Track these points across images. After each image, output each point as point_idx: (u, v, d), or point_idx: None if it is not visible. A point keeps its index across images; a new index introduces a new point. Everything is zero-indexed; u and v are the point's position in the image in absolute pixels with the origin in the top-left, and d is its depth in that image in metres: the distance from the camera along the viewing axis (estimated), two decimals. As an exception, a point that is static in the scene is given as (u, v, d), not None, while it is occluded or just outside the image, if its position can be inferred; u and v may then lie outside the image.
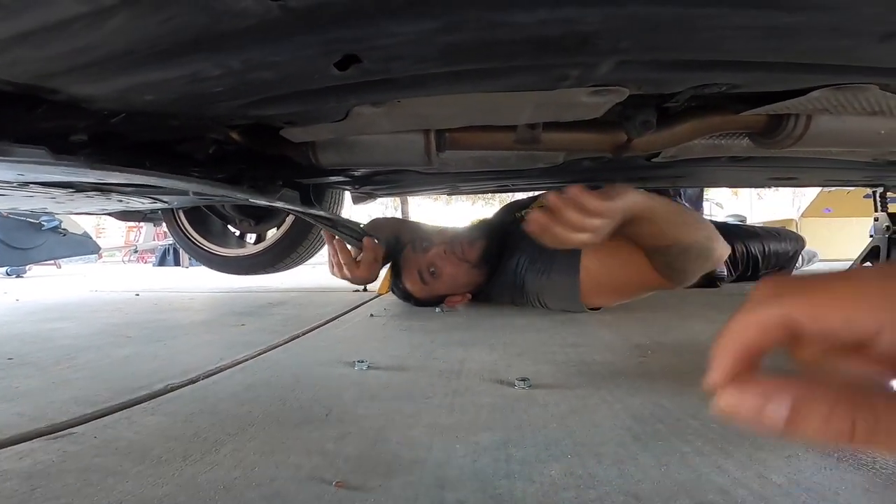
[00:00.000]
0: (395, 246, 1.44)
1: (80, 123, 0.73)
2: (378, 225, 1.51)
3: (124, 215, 2.30)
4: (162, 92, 0.63)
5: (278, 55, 0.54)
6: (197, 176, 0.88)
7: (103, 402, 0.61)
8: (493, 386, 0.65)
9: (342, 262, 1.33)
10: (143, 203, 1.53)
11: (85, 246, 5.09)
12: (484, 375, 0.70)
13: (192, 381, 0.70)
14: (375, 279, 1.38)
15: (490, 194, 7.06)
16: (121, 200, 1.44)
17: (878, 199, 2.04)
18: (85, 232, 5.12)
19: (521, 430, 0.50)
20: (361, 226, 1.46)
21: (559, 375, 0.69)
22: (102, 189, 1.22)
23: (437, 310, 1.37)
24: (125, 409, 0.59)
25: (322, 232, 1.38)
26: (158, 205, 1.63)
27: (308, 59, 0.54)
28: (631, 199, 0.93)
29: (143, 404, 0.61)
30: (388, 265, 1.49)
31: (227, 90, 0.62)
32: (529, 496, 0.37)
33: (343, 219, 1.46)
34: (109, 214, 2.12)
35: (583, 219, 0.88)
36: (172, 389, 0.67)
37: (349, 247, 1.36)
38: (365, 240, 1.34)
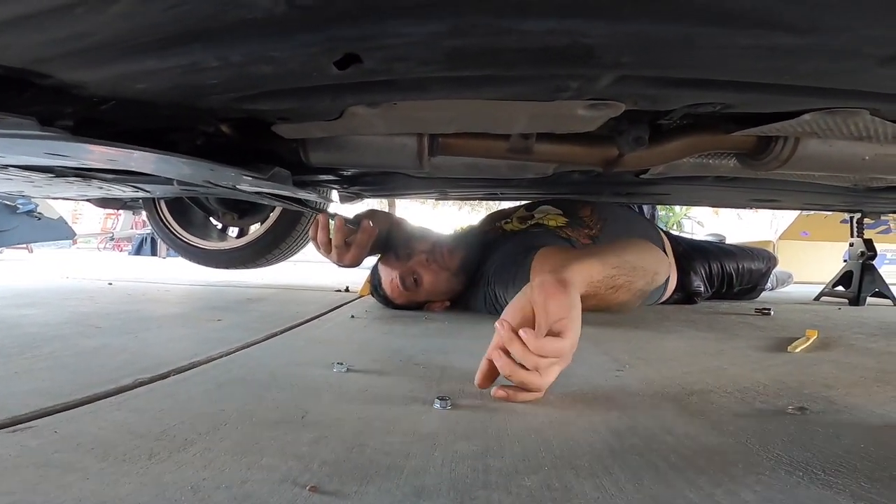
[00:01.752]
0: (385, 239, 1.43)
1: (67, 109, 0.72)
2: (375, 214, 1.50)
3: (103, 202, 2.24)
4: (156, 81, 0.62)
5: (279, 50, 0.53)
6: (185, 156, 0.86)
7: (67, 395, 0.58)
8: (474, 394, 0.64)
9: (335, 242, 1.30)
10: (124, 191, 1.50)
11: (59, 231, 4.98)
12: (465, 383, 0.69)
13: (163, 377, 0.68)
14: (359, 264, 1.37)
15: (477, 201, 7.08)
16: (101, 187, 1.40)
17: (854, 224, 2.09)
18: (60, 217, 5.01)
19: (499, 440, 0.50)
20: (357, 214, 1.45)
21: (539, 386, 0.69)
22: (84, 175, 1.19)
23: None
24: (90, 403, 0.57)
25: (318, 216, 1.36)
26: (140, 194, 1.59)
27: (309, 55, 0.54)
28: (577, 304, 0.66)
29: (109, 399, 0.58)
30: (376, 257, 1.48)
31: (223, 82, 0.61)
32: (506, 508, 0.37)
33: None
34: (88, 200, 2.07)
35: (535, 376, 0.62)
36: (141, 384, 0.64)
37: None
38: (363, 220, 1.33)
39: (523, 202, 1.75)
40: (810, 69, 0.50)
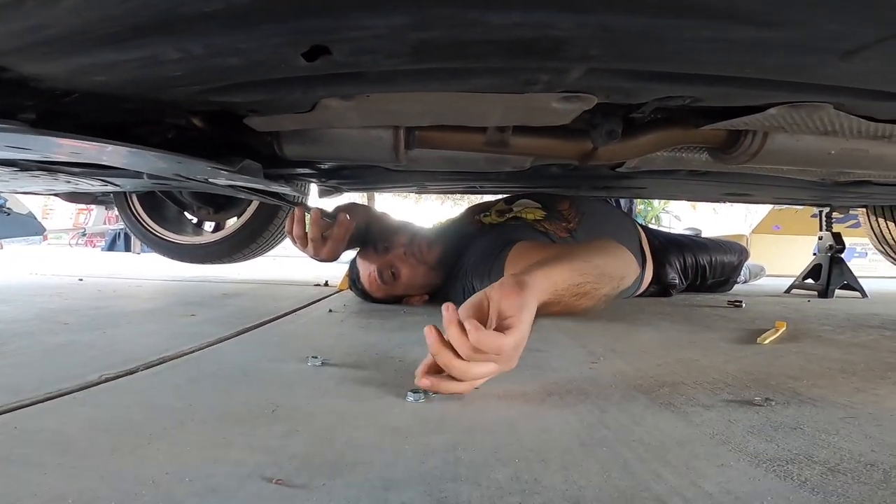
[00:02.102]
0: (363, 233, 1.41)
1: (28, 102, 0.70)
2: (353, 207, 1.48)
3: (73, 197, 2.19)
4: (116, 74, 0.60)
5: (244, 42, 0.52)
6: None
7: (30, 391, 0.57)
8: (448, 387, 0.64)
9: (311, 235, 1.27)
10: (92, 185, 1.46)
11: (29, 226, 4.85)
12: (439, 376, 0.69)
13: (131, 373, 0.67)
14: (337, 258, 1.34)
15: (459, 195, 7.08)
16: (69, 181, 1.36)
17: (823, 218, 2.15)
18: (30, 212, 4.88)
19: (471, 432, 0.50)
20: (335, 207, 1.43)
21: (513, 379, 0.69)
22: (49, 168, 1.16)
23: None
24: (53, 399, 0.55)
25: (295, 210, 1.33)
26: (109, 188, 1.56)
27: (275, 47, 0.53)
28: (531, 308, 0.64)
29: (73, 394, 0.57)
30: (355, 251, 1.47)
31: (187, 75, 0.60)
32: (475, 500, 0.37)
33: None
34: (56, 195, 2.02)
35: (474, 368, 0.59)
36: (108, 380, 0.63)
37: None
38: (339, 214, 1.30)
39: (504, 196, 1.75)
40: (772, 62, 0.51)
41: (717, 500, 0.37)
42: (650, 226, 2.78)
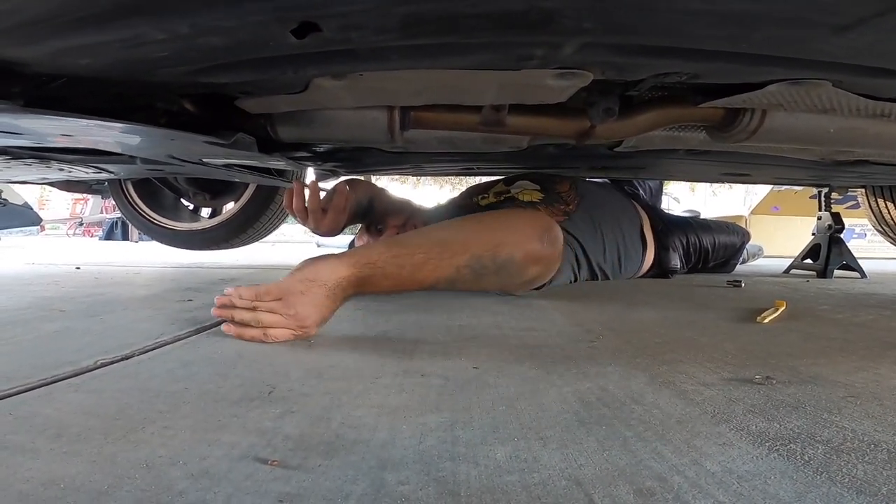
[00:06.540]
0: (365, 208, 1.39)
1: (15, 88, 0.68)
2: (354, 182, 1.46)
3: (68, 186, 2.17)
4: (99, 56, 0.59)
5: (229, 20, 0.50)
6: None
7: (25, 378, 0.56)
8: (445, 367, 0.64)
9: (310, 207, 1.23)
10: (86, 172, 1.44)
11: (25, 217, 4.82)
12: (437, 357, 0.69)
13: (126, 358, 0.66)
14: (339, 232, 1.31)
15: (458, 178, 7.02)
16: (62, 169, 1.35)
17: (822, 199, 2.13)
18: (25, 202, 4.85)
19: (469, 412, 0.50)
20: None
21: (511, 358, 0.69)
22: (41, 156, 1.14)
23: None
24: (47, 385, 0.55)
25: (294, 185, 1.31)
26: (104, 175, 1.54)
27: (262, 25, 0.51)
28: (304, 270, 0.81)
29: (67, 380, 0.57)
30: (358, 227, 1.45)
31: (173, 55, 0.59)
32: (473, 479, 0.36)
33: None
34: (51, 184, 2.00)
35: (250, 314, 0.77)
36: (103, 366, 0.62)
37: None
38: (338, 184, 1.28)
39: (501, 178, 1.73)
40: (765, 37, 0.50)
41: (719, 478, 0.36)
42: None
